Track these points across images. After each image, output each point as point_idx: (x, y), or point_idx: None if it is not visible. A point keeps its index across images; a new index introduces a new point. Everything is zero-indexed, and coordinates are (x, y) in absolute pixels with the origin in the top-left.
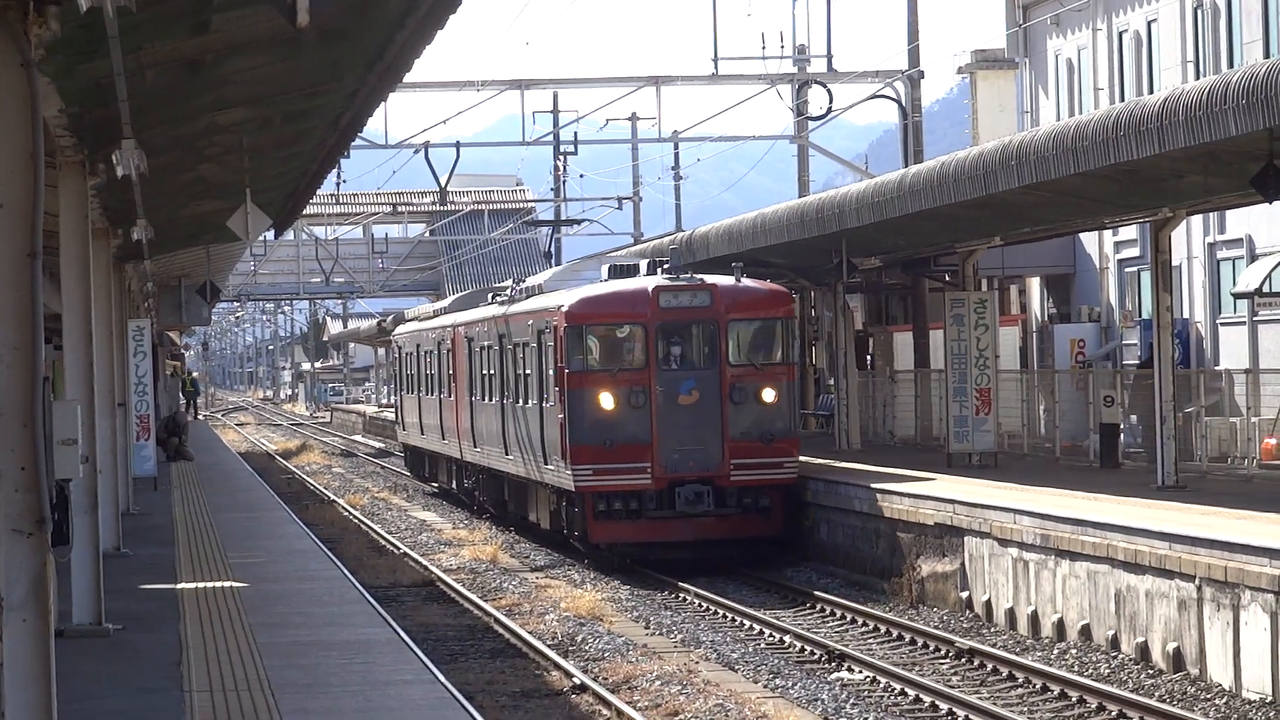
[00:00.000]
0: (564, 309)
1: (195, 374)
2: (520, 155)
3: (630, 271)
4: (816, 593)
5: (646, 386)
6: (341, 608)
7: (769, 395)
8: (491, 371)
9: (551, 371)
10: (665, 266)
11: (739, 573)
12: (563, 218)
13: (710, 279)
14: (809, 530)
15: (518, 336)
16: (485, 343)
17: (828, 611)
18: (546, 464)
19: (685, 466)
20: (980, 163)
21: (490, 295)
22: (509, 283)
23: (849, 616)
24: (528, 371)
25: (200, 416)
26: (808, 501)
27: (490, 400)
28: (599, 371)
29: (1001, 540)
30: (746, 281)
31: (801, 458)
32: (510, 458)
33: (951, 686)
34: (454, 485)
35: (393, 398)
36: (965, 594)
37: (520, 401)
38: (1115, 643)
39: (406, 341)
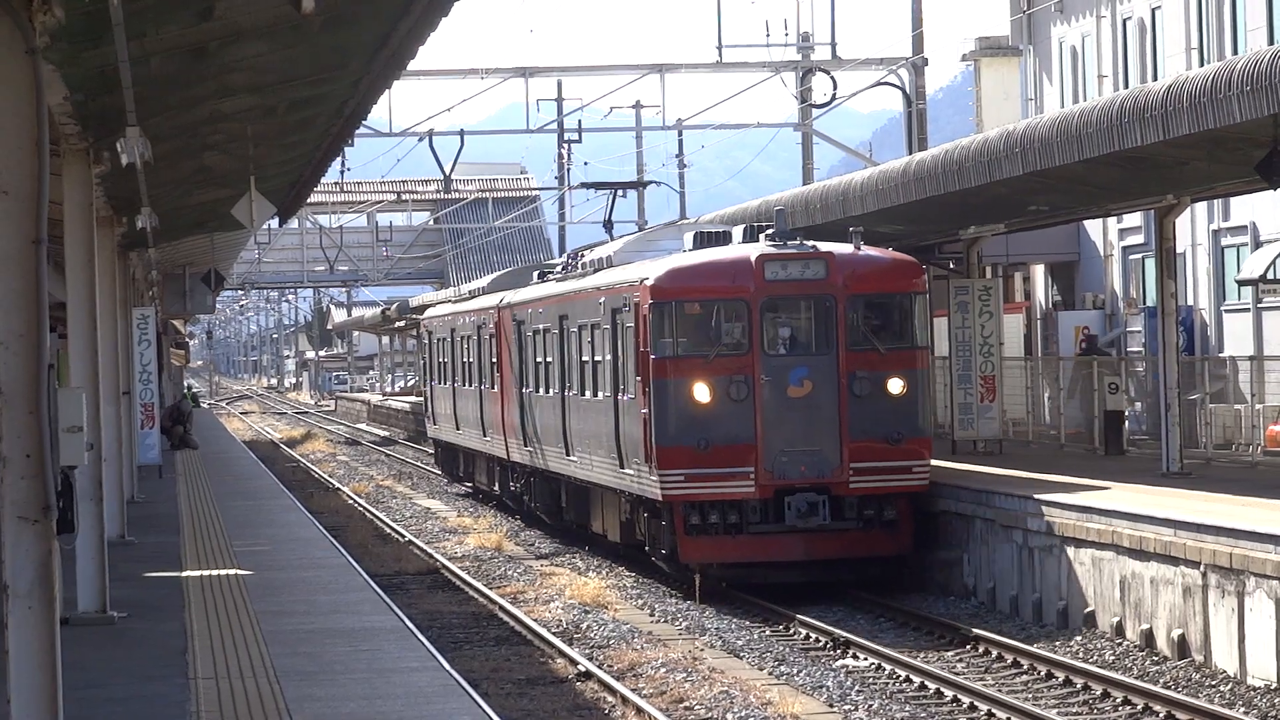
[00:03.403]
0: (649, 282)
1: (195, 388)
2: (524, 143)
3: (721, 239)
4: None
5: (749, 375)
6: (346, 595)
7: (896, 386)
8: (549, 358)
9: (631, 358)
10: (769, 232)
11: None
12: (569, 205)
13: (825, 246)
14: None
15: (584, 317)
16: (540, 325)
17: (833, 596)
18: (623, 468)
19: (795, 472)
20: (984, 150)
21: (537, 273)
22: (561, 258)
23: (851, 603)
24: (598, 358)
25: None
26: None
27: (547, 392)
28: (691, 357)
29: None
30: (867, 249)
31: None
32: (572, 459)
33: (956, 673)
34: (495, 487)
35: (397, 385)
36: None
37: (587, 393)
38: (1120, 629)
39: (438, 326)
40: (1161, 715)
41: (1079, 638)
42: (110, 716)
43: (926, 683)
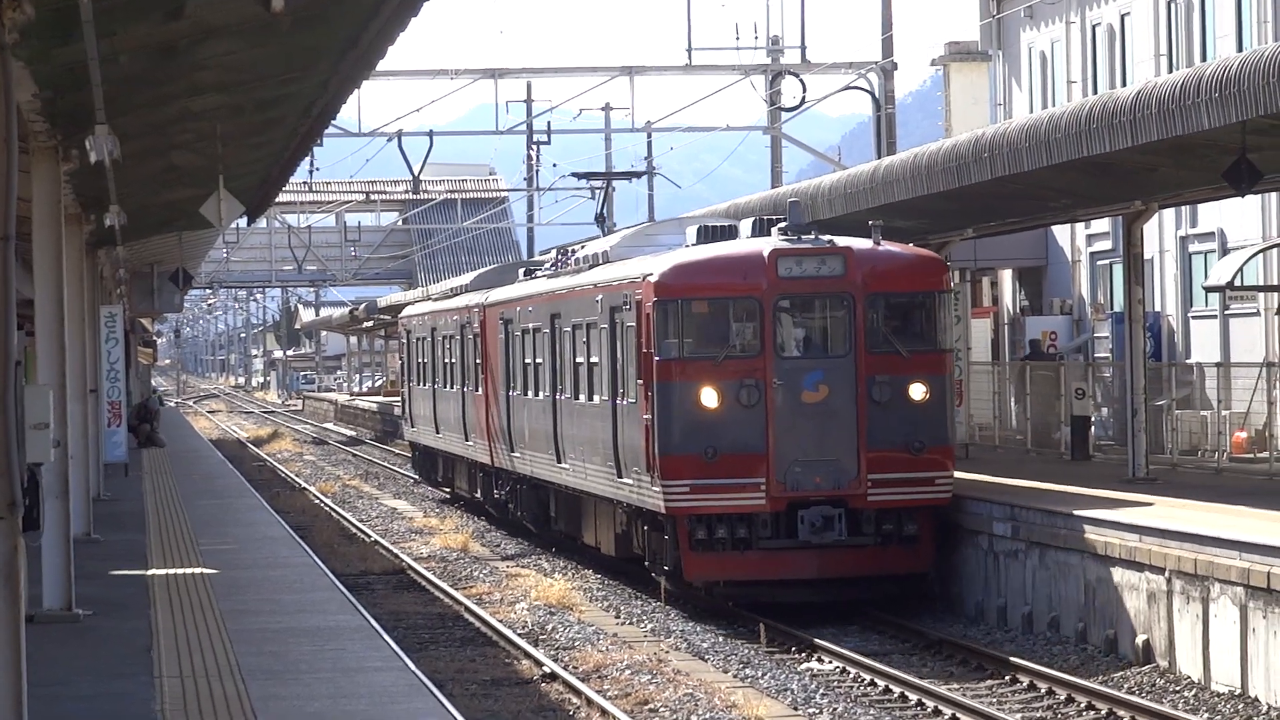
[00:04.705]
0: (653, 279)
1: (160, 393)
2: (493, 144)
3: (726, 234)
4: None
5: (761, 379)
6: (312, 595)
7: (918, 391)
8: (539, 359)
9: (632, 359)
10: (781, 225)
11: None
12: (538, 207)
13: (843, 241)
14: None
15: (579, 316)
16: (530, 325)
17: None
18: (621, 477)
19: (810, 483)
20: (953, 155)
21: (523, 270)
22: (550, 253)
23: (817, 607)
24: (594, 359)
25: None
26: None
27: (536, 395)
28: (698, 359)
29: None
30: (887, 244)
31: None
32: (564, 466)
33: (921, 677)
34: (478, 494)
35: (364, 385)
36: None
37: (581, 397)
38: (1084, 634)
39: (418, 325)
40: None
41: (1043, 643)
42: (75, 714)
43: (891, 686)
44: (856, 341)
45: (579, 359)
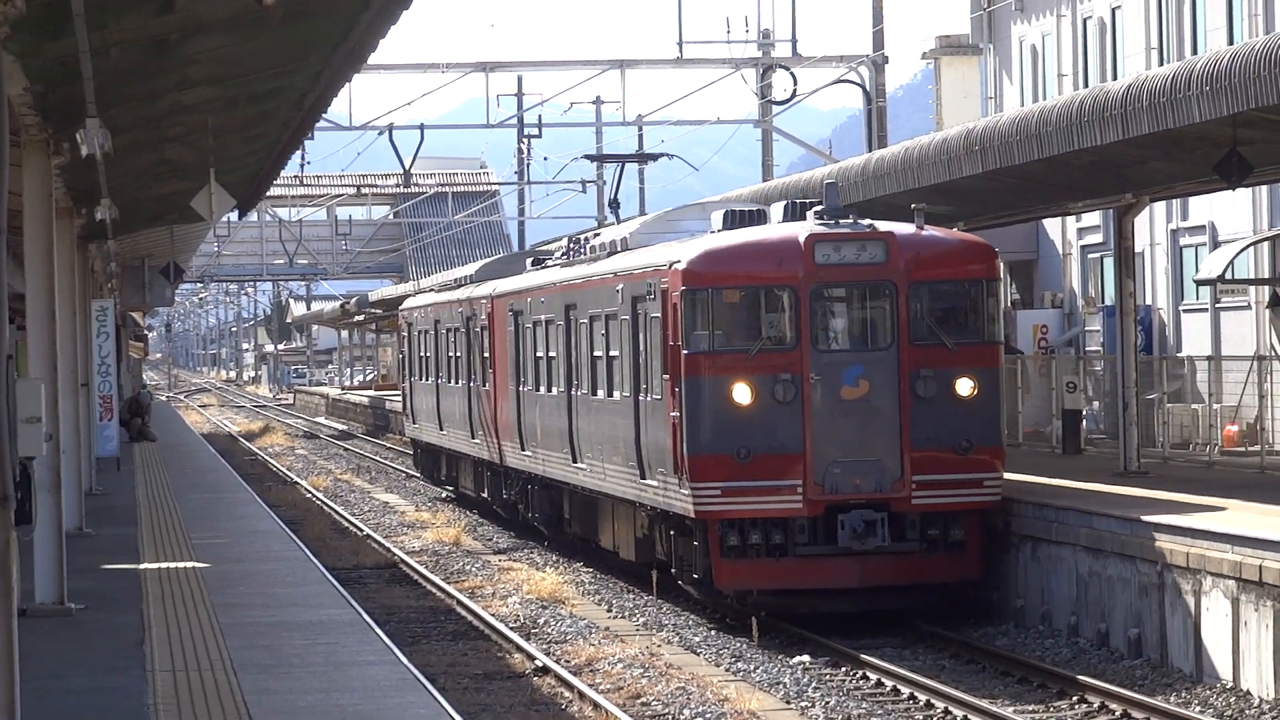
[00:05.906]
0: (680, 266)
1: (149, 388)
2: (484, 138)
3: (756, 219)
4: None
5: (797, 374)
6: (304, 589)
7: (965, 386)
8: (552, 353)
9: (657, 353)
10: (817, 209)
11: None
12: (529, 200)
13: (884, 225)
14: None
15: (598, 307)
16: (542, 316)
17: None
18: (644, 478)
19: (850, 485)
20: (944, 148)
21: (530, 260)
22: (560, 241)
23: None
24: (614, 353)
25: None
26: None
27: (549, 390)
28: (730, 352)
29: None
30: (931, 230)
31: None
32: (580, 466)
33: (912, 671)
34: (484, 493)
35: (356, 379)
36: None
37: (600, 393)
38: (1076, 627)
39: (420, 317)
40: (1118, 713)
41: (1035, 636)
42: (68, 708)
43: (883, 679)
44: (899, 333)
45: (597, 352)
